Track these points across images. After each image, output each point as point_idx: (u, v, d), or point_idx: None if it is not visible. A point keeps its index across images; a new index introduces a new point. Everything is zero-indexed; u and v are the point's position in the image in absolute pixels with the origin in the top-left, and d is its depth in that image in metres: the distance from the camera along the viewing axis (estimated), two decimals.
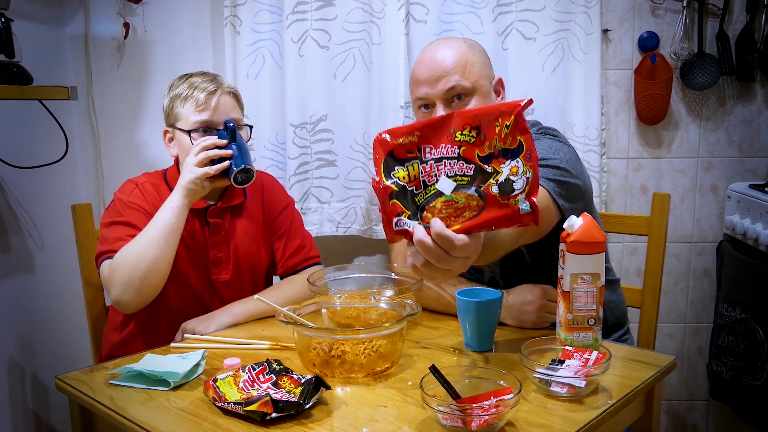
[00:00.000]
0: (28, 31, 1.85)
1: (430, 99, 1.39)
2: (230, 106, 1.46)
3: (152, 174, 1.55)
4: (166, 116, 1.49)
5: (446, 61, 1.37)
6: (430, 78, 1.37)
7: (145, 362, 1.19)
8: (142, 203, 1.45)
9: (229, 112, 1.46)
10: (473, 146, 0.90)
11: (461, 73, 1.36)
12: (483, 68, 1.41)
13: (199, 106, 1.43)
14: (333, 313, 1.31)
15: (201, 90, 1.44)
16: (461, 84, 1.36)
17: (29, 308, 1.88)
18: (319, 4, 1.97)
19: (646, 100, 2.02)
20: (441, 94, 1.37)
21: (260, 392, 1.05)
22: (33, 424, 1.89)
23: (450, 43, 1.42)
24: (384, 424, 0.99)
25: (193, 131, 1.43)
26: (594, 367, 1.07)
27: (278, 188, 1.64)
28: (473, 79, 1.37)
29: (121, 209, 1.44)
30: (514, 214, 0.88)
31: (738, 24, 2.01)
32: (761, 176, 2.07)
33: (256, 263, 1.56)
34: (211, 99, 1.43)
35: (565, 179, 1.32)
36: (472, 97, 1.38)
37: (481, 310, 1.25)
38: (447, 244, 0.88)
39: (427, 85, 1.38)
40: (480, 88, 1.39)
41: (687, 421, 2.24)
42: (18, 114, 1.84)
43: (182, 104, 1.45)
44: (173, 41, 2.07)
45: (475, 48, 1.44)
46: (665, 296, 2.08)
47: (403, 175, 0.96)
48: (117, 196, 1.47)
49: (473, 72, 1.38)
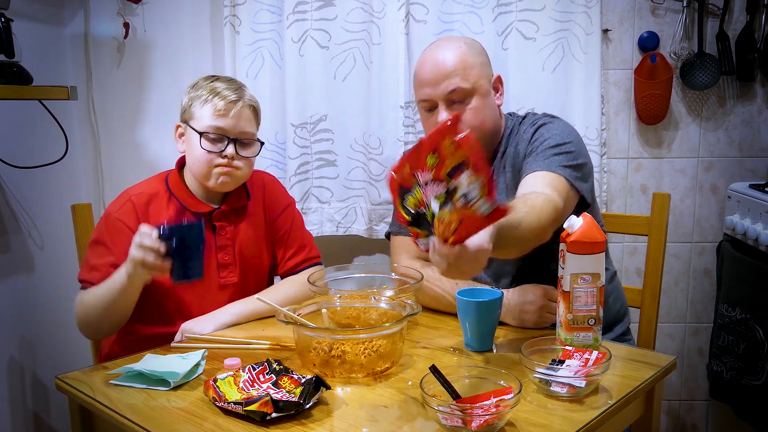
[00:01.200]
0: (28, 31, 1.85)
1: (432, 100, 1.45)
2: (247, 119, 1.46)
3: (154, 180, 1.52)
4: (182, 111, 1.49)
5: (447, 64, 1.43)
6: (432, 80, 1.44)
7: (145, 362, 1.19)
8: (129, 221, 1.42)
9: (245, 126, 1.45)
10: (438, 168, 1.01)
11: (462, 75, 1.42)
12: (482, 68, 1.46)
13: (217, 112, 1.43)
14: (333, 313, 1.31)
15: (222, 98, 1.43)
16: (462, 86, 1.42)
17: (29, 308, 1.88)
18: (319, 4, 1.97)
19: (646, 100, 2.02)
20: (443, 96, 1.43)
21: (260, 392, 1.05)
22: (33, 424, 1.89)
23: (450, 44, 1.46)
24: (384, 424, 0.99)
25: (204, 134, 1.43)
26: (594, 367, 1.07)
27: (279, 188, 1.64)
28: (473, 80, 1.43)
29: (106, 228, 1.43)
30: (481, 219, 0.97)
31: (738, 24, 2.01)
32: (761, 176, 2.07)
33: (260, 265, 1.56)
34: (230, 109, 1.43)
35: (579, 162, 1.40)
36: (472, 97, 1.44)
37: (482, 310, 1.25)
38: (449, 257, 0.99)
39: (429, 87, 1.44)
40: (479, 88, 1.44)
41: (687, 421, 2.24)
42: (18, 114, 1.84)
43: (201, 105, 1.44)
44: (173, 41, 2.07)
45: (475, 48, 1.48)
46: (665, 296, 2.08)
47: (413, 201, 1.06)
48: (108, 210, 1.46)
49: (473, 73, 1.44)
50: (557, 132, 1.43)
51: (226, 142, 1.43)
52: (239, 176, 1.47)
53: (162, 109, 2.07)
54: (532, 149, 1.44)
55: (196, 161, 1.45)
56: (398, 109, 1.96)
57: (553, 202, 1.27)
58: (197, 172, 1.46)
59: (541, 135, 1.45)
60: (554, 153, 1.39)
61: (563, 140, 1.41)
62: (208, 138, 1.43)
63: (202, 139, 1.42)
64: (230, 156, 1.43)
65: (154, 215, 1.45)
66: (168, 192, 1.48)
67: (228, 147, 1.43)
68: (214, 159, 1.43)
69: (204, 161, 1.43)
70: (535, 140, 1.45)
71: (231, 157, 1.43)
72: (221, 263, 1.49)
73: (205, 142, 1.43)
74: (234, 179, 1.46)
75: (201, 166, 1.44)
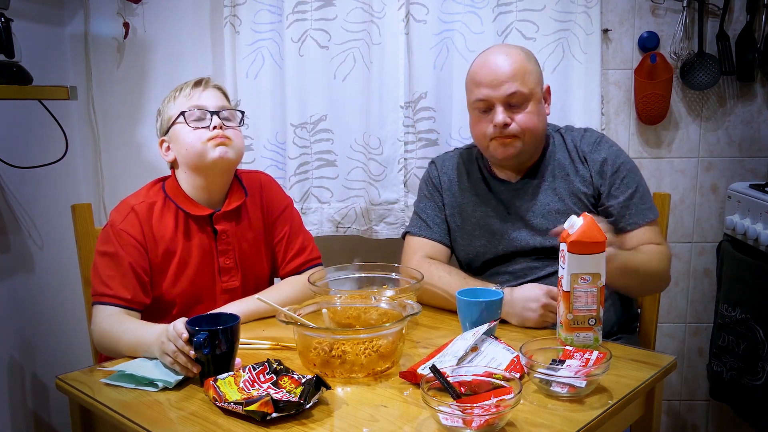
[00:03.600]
0: (28, 31, 1.84)
1: (491, 101, 1.49)
2: (219, 96, 1.50)
3: (150, 189, 1.51)
4: (159, 127, 1.51)
5: (507, 68, 1.49)
6: (493, 82, 1.49)
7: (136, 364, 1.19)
8: (134, 232, 1.41)
9: (219, 100, 1.49)
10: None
11: (521, 80, 1.48)
12: (538, 77, 1.54)
13: (188, 96, 1.47)
14: (333, 313, 1.31)
15: (188, 86, 1.48)
16: (521, 90, 1.48)
17: (29, 308, 1.88)
18: (319, 4, 1.97)
19: (646, 100, 2.02)
20: (502, 98, 1.49)
21: (261, 392, 1.05)
22: (33, 424, 1.89)
23: (510, 50, 1.53)
24: (384, 424, 0.99)
25: (184, 112, 1.44)
26: (594, 367, 1.07)
27: (276, 188, 1.63)
28: (531, 86, 1.50)
29: (112, 238, 1.41)
30: None
31: (738, 24, 2.01)
32: (761, 176, 2.07)
33: (259, 267, 1.56)
34: (199, 89, 1.47)
35: (649, 200, 1.54)
36: (529, 102, 1.50)
37: (482, 310, 1.25)
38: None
39: (489, 88, 1.49)
40: (535, 94, 1.51)
41: (687, 421, 2.24)
42: (18, 114, 1.84)
43: (174, 101, 1.47)
44: (173, 41, 2.07)
45: (531, 58, 1.55)
46: (665, 296, 2.07)
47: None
48: (110, 220, 1.44)
49: (530, 80, 1.50)
50: (644, 191, 1.53)
51: (209, 116, 1.45)
52: (236, 146, 1.47)
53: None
54: (613, 187, 1.53)
55: (189, 147, 1.43)
56: (398, 109, 1.96)
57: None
58: (193, 159, 1.44)
59: (618, 173, 1.53)
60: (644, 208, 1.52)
61: (647, 201, 1.53)
62: (191, 116, 1.44)
63: (185, 118, 1.44)
64: (218, 125, 1.43)
65: (157, 226, 1.44)
66: (166, 199, 1.47)
67: (213, 117, 1.44)
68: (204, 134, 1.43)
69: (195, 141, 1.43)
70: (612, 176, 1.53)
71: (219, 127, 1.43)
72: (223, 268, 1.49)
73: (191, 120, 1.44)
74: (232, 149, 1.46)
75: (194, 148, 1.43)
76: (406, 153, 1.99)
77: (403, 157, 1.98)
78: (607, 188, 1.51)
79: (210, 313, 1.29)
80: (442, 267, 1.54)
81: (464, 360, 1.14)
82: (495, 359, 1.15)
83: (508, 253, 1.55)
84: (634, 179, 1.52)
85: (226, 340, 1.13)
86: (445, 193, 1.65)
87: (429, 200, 1.66)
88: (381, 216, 2.03)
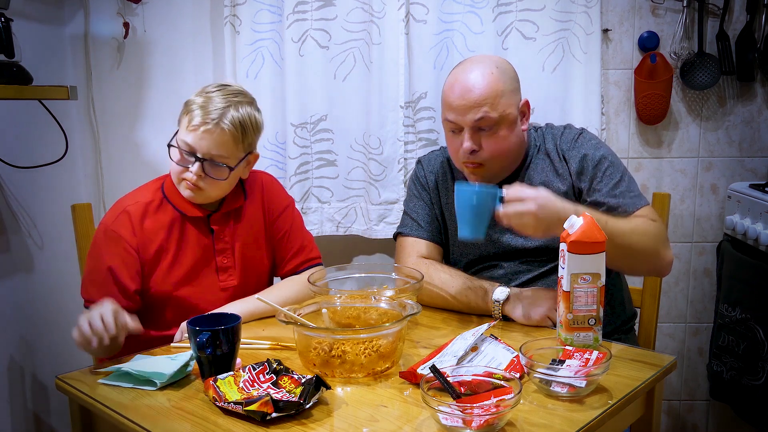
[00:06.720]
0: (28, 31, 1.84)
1: (458, 125, 1.46)
2: (220, 142, 1.38)
3: (150, 187, 1.51)
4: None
5: (476, 91, 1.43)
6: (460, 107, 1.44)
7: (134, 362, 1.19)
8: (125, 233, 1.41)
9: (213, 148, 1.38)
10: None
11: (490, 105, 1.43)
12: (512, 96, 1.47)
13: (191, 126, 1.38)
14: (333, 313, 1.31)
15: (202, 114, 1.37)
16: (490, 115, 1.43)
17: (29, 308, 1.88)
18: (319, 4, 1.97)
19: (646, 100, 2.02)
20: (470, 123, 1.44)
21: (260, 392, 1.05)
22: (33, 424, 1.89)
23: (483, 69, 1.46)
24: (384, 424, 0.99)
25: (171, 146, 1.42)
26: (594, 367, 1.07)
27: (277, 188, 1.63)
28: (501, 109, 1.44)
29: (100, 240, 1.42)
30: None
31: (738, 24, 2.01)
32: (761, 176, 2.07)
33: (260, 266, 1.56)
34: (202, 127, 1.37)
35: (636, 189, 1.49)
36: (499, 125, 1.45)
37: (478, 198, 1.31)
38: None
39: (456, 113, 1.45)
40: (507, 117, 1.45)
41: (687, 421, 2.24)
42: (18, 114, 1.84)
43: (185, 114, 1.41)
44: (173, 41, 2.07)
45: (507, 73, 1.48)
46: (665, 296, 2.08)
47: None
48: (102, 221, 1.45)
49: (502, 103, 1.44)
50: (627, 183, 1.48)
51: (194, 160, 1.40)
52: (207, 195, 1.44)
53: (162, 109, 2.07)
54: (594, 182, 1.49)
55: (171, 171, 1.46)
56: (398, 109, 1.96)
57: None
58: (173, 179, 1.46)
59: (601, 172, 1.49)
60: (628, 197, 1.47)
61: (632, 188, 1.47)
62: (176, 153, 1.41)
63: (171, 149, 1.42)
64: (195, 173, 1.39)
65: (150, 226, 1.44)
66: (164, 198, 1.47)
67: (194, 165, 1.39)
68: (182, 172, 1.42)
69: (174, 171, 1.44)
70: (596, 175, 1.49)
71: (195, 175, 1.39)
72: (220, 267, 1.49)
73: (175, 153, 1.41)
74: (201, 196, 1.44)
75: (173, 175, 1.45)
76: (406, 153, 1.99)
77: (403, 157, 1.98)
78: (588, 183, 1.48)
79: (211, 313, 1.30)
80: (442, 268, 1.53)
81: (464, 360, 1.14)
82: (495, 359, 1.15)
83: (491, 254, 1.56)
84: (618, 170, 1.48)
85: (228, 340, 1.13)
86: (432, 192, 1.64)
87: (419, 199, 1.65)
88: (381, 216, 2.03)
